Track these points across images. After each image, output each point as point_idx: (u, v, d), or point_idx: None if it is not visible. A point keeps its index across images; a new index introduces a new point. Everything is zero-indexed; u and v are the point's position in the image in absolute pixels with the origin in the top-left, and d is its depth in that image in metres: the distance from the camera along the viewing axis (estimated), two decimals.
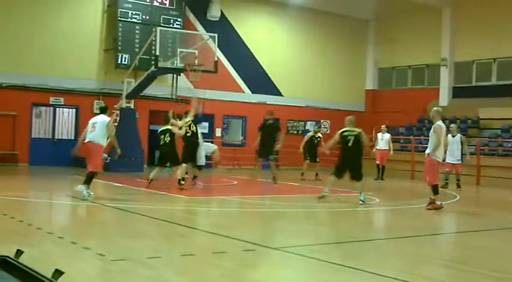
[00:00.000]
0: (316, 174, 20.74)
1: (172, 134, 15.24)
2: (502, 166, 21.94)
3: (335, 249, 8.10)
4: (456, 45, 28.44)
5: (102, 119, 12.78)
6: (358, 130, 13.86)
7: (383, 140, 22.30)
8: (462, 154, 19.06)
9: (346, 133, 13.81)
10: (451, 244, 9.39)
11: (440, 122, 12.82)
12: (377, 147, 22.25)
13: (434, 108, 13.29)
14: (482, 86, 27.64)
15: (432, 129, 12.79)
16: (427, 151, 12.77)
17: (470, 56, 27.88)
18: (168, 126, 15.31)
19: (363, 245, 8.65)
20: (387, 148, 22.26)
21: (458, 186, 18.73)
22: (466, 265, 7.40)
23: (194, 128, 15.62)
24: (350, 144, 13.68)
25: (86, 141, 12.67)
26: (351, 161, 13.76)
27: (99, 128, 12.58)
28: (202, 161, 16.15)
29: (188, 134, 15.50)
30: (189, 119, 15.56)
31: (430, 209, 12.54)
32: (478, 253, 8.54)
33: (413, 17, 29.46)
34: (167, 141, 15.22)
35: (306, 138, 21.60)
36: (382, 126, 22.68)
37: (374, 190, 17.19)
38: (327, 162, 19.31)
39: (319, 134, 21.70)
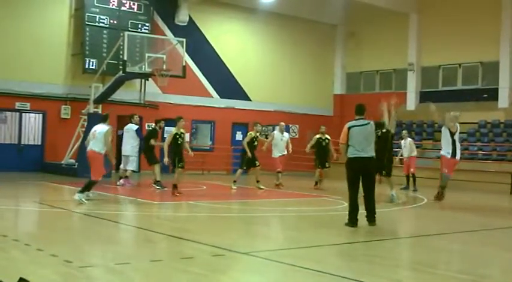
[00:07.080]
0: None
1: None
2: (468, 170, 22.22)
3: (304, 254, 8.12)
4: (423, 50, 28.82)
5: (101, 128, 13.11)
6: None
7: (405, 147, 20.24)
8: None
9: None
10: (418, 247, 9.47)
11: None
12: (401, 156, 20.61)
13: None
14: (448, 91, 28.03)
15: None
16: None
17: (437, 61, 28.28)
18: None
19: (331, 248, 8.70)
20: (413, 154, 20.13)
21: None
22: (433, 268, 7.48)
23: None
24: None
25: (87, 149, 13.12)
26: None
27: (98, 137, 12.97)
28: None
29: None
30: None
31: None
32: (444, 255, 8.66)
33: (381, 22, 29.75)
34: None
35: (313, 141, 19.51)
36: (403, 131, 21.11)
37: (341, 194, 17.26)
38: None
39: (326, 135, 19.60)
